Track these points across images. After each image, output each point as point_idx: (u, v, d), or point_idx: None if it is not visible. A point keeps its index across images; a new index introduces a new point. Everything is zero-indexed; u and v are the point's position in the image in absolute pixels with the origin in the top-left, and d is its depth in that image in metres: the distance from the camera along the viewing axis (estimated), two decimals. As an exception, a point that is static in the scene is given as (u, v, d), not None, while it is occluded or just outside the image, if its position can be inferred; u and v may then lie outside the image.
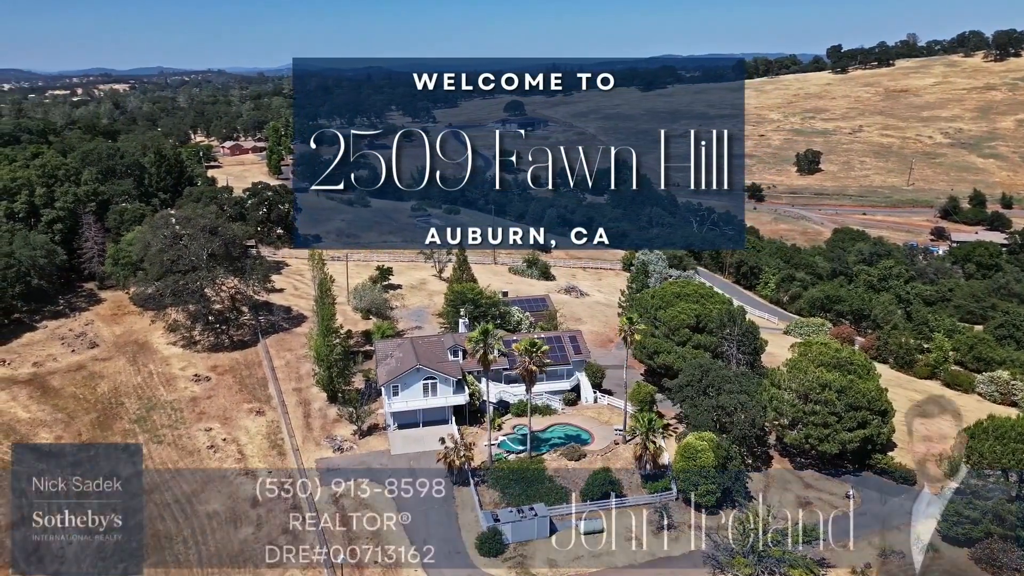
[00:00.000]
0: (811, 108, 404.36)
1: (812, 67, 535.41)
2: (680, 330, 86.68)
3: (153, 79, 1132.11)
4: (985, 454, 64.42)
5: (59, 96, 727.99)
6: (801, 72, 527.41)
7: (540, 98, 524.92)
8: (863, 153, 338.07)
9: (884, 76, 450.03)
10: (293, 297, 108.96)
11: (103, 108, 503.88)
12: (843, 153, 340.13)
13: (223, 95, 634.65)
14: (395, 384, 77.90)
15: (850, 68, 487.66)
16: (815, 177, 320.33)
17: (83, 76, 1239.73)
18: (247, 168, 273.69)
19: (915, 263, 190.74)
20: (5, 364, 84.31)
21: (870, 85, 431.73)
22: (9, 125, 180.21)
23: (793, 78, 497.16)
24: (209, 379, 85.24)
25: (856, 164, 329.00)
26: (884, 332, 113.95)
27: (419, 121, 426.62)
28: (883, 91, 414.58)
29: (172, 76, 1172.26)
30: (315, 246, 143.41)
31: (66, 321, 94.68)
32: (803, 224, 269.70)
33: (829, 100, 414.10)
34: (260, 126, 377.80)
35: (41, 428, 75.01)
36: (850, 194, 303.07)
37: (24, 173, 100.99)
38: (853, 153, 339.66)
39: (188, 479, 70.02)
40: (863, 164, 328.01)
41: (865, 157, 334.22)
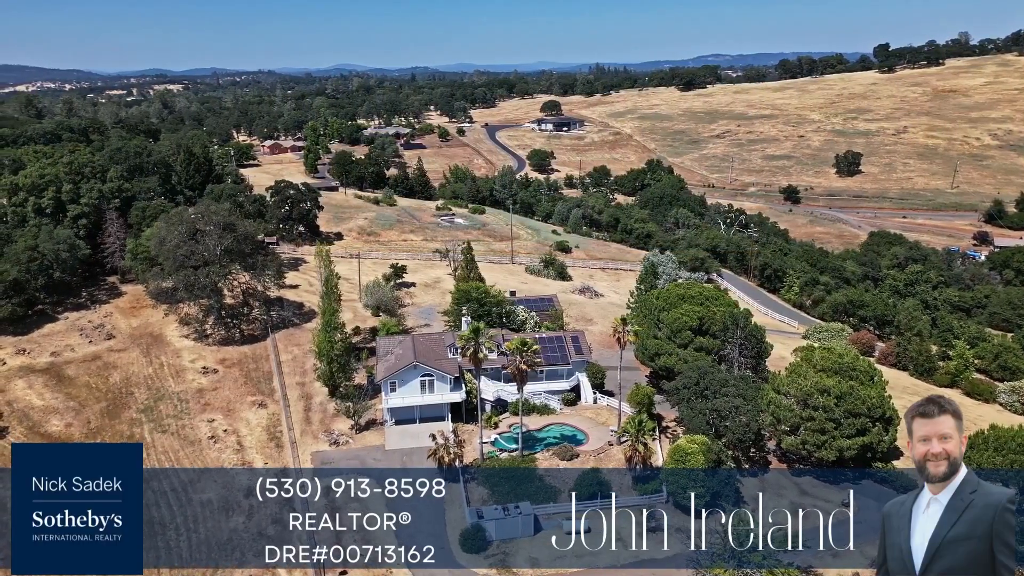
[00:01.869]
0: (854, 108, 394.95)
1: (859, 66, 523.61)
2: (682, 332, 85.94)
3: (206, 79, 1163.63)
4: (983, 465, 62.51)
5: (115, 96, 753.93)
6: (847, 71, 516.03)
7: (578, 98, 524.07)
8: (906, 155, 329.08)
9: (933, 76, 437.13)
10: (307, 293, 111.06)
11: (153, 108, 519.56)
12: (885, 155, 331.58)
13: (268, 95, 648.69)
14: (392, 380, 78.98)
15: (898, 67, 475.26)
16: (855, 179, 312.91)
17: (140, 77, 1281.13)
18: (285, 167, 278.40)
19: (952, 268, 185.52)
20: (25, 353, 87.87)
21: (917, 85, 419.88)
22: (52, 124, 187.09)
23: (837, 77, 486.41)
24: (216, 371, 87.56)
25: (899, 166, 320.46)
26: (903, 339, 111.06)
27: (456, 120, 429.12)
28: (931, 91, 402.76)
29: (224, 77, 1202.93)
30: (336, 243, 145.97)
31: (86, 313, 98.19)
32: (839, 227, 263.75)
33: (874, 100, 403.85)
34: (300, 126, 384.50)
35: (53, 415, 78.03)
36: (891, 197, 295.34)
37: (52, 170, 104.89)
38: (896, 155, 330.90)
39: (187, 468, 72.09)
40: (906, 166, 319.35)
41: (908, 159, 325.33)
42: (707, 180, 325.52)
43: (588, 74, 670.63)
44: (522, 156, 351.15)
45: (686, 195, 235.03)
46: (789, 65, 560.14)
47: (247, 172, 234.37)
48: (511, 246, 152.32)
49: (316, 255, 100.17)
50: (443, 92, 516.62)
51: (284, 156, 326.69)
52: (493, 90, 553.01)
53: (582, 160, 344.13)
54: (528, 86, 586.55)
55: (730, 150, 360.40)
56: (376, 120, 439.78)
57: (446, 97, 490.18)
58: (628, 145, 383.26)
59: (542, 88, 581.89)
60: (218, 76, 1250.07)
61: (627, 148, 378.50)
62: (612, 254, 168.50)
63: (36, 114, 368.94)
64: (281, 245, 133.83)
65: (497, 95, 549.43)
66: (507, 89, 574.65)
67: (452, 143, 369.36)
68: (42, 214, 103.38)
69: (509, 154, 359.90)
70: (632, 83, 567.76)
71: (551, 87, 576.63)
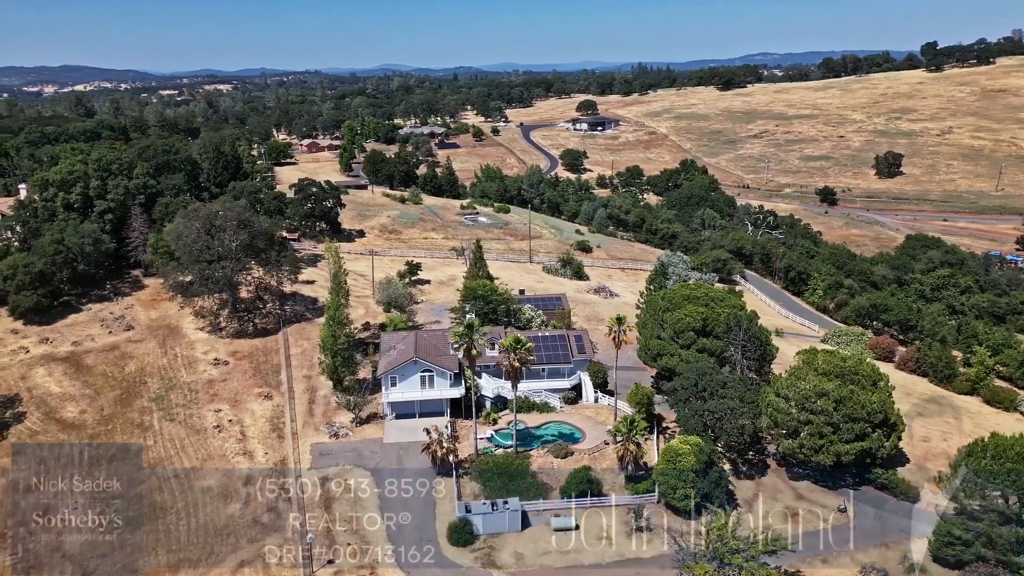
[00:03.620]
0: (898, 108, 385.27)
1: (905, 65, 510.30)
2: (685, 333, 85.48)
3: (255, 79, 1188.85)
4: (980, 472, 61.03)
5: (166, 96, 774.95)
6: (893, 70, 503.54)
7: (615, 97, 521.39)
8: (950, 156, 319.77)
9: (982, 75, 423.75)
10: (322, 289, 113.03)
11: (198, 107, 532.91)
12: (928, 156, 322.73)
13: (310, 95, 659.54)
14: (393, 375, 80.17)
15: (946, 66, 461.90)
16: (895, 181, 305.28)
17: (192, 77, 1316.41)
18: (321, 165, 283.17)
19: (989, 273, 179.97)
20: (48, 342, 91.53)
21: (965, 84, 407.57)
22: (93, 123, 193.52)
23: (883, 76, 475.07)
24: (227, 363, 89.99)
25: (941, 167, 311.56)
26: (923, 344, 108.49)
27: (491, 120, 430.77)
28: (979, 91, 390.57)
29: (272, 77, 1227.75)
30: (357, 240, 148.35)
31: (109, 304, 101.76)
32: (876, 230, 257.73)
33: (919, 100, 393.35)
34: (338, 125, 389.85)
35: (69, 402, 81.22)
36: (932, 199, 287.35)
37: (81, 167, 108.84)
38: (939, 156, 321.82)
39: (191, 455, 74.43)
40: (949, 168, 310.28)
41: (952, 160, 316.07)
42: (742, 181, 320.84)
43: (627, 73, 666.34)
44: (555, 156, 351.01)
45: (716, 196, 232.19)
46: (833, 64, 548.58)
47: (283, 170, 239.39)
48: (529, 245, 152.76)
49: (326, 251, 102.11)
50: (480, 92, 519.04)
51: (321, 155, 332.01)
52: (530, 89, 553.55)
53: (615, 160, 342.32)
54: (566, 85, 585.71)
55: (767, 150, 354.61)
56: (413, 119, 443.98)
57: (483, 97, 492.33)
58: (663, 145, 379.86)
59: (580, 88, 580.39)
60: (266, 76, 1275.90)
61: (662, 148, 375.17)
62: (634, 254, 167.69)
63: (85, 113, 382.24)
64: (303, 241, 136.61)
65: (534, 94, 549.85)
66: (544, 89, 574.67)
67: (486, 142, 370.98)
68: (70, 209, 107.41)
69: (542, 153, 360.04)
70: (671, 82, 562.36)
71: (589, 87, 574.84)
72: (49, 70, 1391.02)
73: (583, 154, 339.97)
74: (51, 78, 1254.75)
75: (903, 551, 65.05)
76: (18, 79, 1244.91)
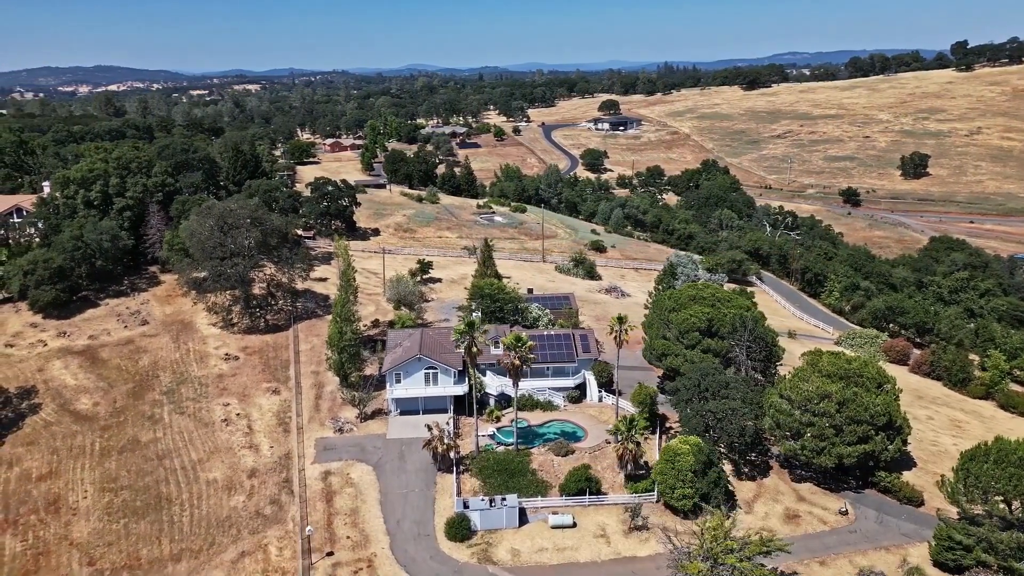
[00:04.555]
0: (926, 108, 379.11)
1: (935, 64, 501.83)
2: (690, 333, 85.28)
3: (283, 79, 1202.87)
4: (981, 477, 60.28)
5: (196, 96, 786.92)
6: (922, 70, 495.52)
7: (639, 97, 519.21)
8: (979, 157, 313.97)
9: (1013, 74, 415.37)
10: (334, 287, 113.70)
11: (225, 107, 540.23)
12: (956, 157, 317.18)
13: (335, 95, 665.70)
14: (397, 371, 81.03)
15: (976, 65, 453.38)
16: (920, 182, 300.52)
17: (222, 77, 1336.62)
18: (343, 164, 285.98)
19: (1014, 276, 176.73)
20: (65, 336, 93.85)
21: (996, 84, 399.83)
22: (118, 122, 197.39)
23: (911, 76, 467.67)
24: (238, 358, 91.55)
25: (969, 169, 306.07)
26: (938, 347, 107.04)
27: (513, 120, 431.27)
28: (1010, 91, 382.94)
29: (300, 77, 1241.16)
30: (372, 239, 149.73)
31: (125, 300, 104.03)
32: (900, 231, 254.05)
33: (948, 100, 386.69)
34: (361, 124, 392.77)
35: (83, 395, 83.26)
36: (958, 201, 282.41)
37: (101, 165, 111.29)
38: (967, 157, 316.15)
39: (198, 448, 75.93)
40: (977, 169, 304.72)
41: (980, 161, 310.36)
42: (764, 181, 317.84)
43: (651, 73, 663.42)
44: (575, 155, 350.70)
45: (736, 196, 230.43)
46: (861, 63, 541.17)
47: (305, 169, 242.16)
48: (543, 244, 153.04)
49: (335, 249, 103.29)
50: (502, 92, 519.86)
51: (344, 154, 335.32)
52: (553, 89, 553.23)
53: (636, 160, 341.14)
54: (589, 85, 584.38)
55: (790, 151, 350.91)
56: (435, 119, 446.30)
57: (505, 97, 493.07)
58: (685, 145, 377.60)
59: (603, 87, 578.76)
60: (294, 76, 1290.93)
61: (684, 148, 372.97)
62: (649, 254, 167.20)
63: (114, 112, 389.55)
64: (318, 239, 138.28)
65: (557, 94, 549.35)
66: (567, 88, 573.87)
67: (507, 142, 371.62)
68: (90, 206, 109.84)
69: (563, 153, 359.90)
70: (695, 82, 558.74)
71: (612, 86, 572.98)
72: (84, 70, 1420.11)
73: (604, 154, 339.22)
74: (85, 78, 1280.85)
75: (903, 555, 64.45)
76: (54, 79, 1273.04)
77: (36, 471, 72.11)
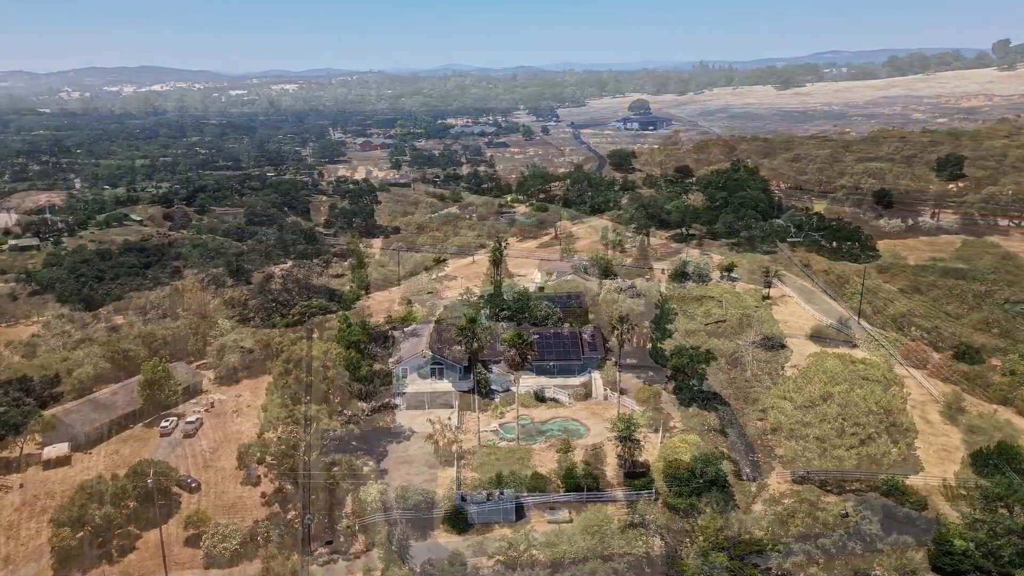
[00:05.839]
0: (965, 108, 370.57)
1: (976, 63, 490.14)
2: (696, 333, 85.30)
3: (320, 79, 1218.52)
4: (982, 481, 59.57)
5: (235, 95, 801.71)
6: (963, 69, 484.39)
7: (670, 96, 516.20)
8: (1017, 158, 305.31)
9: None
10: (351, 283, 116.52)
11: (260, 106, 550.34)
12: (993, 158, 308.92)
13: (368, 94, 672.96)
14: (405, 367, 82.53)
15: (1019, 64, 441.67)
16: (956, 183, 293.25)
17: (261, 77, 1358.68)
18: (372, 163, 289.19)
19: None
20: (89, 327, 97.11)
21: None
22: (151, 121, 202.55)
23: (951, 75, 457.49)
24: (252, 351, 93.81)
25: (1008, 170, 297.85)
26: (957, 352, 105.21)
27: (542, 119, 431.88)
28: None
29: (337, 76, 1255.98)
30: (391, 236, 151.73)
31: (148, 293, 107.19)
32: (931, 234, 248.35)
33: (986, 99, 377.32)
34: (392, 123, 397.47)
35: (100, 383, 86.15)
36: (996, 202, 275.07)
37: (128, 162, 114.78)
38: (1005, 158, 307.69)
39: (210, 436, 78.22)
40: (1015, 170, 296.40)
41: (1019, 163, 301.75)
42: (795, 182, 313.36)
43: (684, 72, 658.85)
44: (603, 155, 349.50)
45: (762, 196, 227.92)
46: (899, 62, 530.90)
47: (334, 168, 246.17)
48: (561, 243, 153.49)
49: (348, 246, 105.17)
50: (533, 91, 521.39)
51: (374, 153, 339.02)
52: (584, 89, 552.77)
53: (664, 160, 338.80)
54: (620, 85, 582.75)
55: (822, 151, 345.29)
56: (465, 119, 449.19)
57: (535, 96, 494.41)
58: (715, 145, 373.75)
59: (635, 87, 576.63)
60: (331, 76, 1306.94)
61: (714, 148, 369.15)
62: (668, 254, 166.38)
63: (153, 111, 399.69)
64: (338, 237, 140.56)
65: (588, 94, 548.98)
66: (598, 88, 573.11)
67: (535, 141, 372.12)
68: (117, 202, 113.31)
69: (591, 152, 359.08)
70: (728, 81, 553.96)
71: (644, 86, 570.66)
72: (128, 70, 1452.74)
73: (631, 153, 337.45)
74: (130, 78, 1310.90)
75: (903, 559, 63.80)
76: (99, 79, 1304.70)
77: (55, 456, 74.84)
